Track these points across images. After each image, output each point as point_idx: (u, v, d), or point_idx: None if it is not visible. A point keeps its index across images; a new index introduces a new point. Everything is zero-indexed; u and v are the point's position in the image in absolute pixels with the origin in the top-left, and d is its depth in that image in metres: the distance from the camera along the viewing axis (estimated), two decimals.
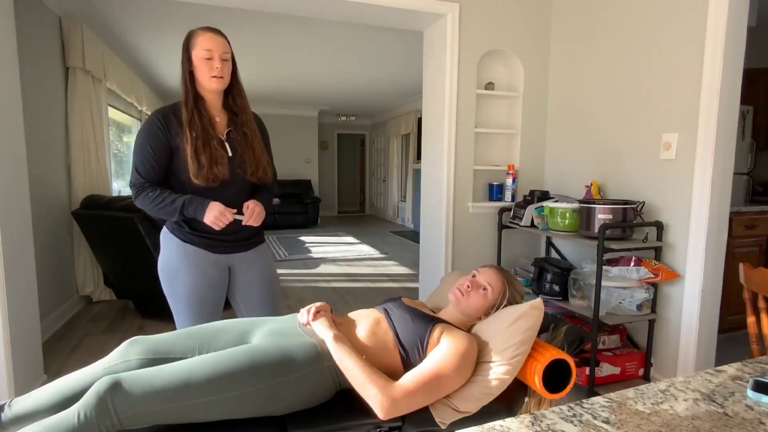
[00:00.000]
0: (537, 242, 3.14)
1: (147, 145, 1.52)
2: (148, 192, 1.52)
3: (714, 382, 0.82)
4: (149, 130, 1.53)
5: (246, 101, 1.65)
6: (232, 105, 1.62)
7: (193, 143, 1.50)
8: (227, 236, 1.61)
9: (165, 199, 1.51)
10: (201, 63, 1.50)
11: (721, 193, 2.08)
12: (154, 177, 1.55)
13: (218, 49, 1.50)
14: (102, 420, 0.99)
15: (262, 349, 1.18)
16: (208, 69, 1.50)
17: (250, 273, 1.70)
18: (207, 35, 1.50)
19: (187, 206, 1.50)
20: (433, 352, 1.21)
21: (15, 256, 1.97)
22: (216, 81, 1.51)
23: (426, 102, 3.09)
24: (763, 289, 1.34)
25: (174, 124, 1.53)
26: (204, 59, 1.49)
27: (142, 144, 1.53)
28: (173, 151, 1.54)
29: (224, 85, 1.56)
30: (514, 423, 0.67)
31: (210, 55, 1.49)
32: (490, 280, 1.42)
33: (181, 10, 3.59)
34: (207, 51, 1.49)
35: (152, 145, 1.52)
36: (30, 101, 2.79)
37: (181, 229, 1.59)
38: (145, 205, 1.53)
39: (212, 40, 1.50)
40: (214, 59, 1.50)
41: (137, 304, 3.38)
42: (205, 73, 1.50)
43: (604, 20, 2.59)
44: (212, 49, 1.49)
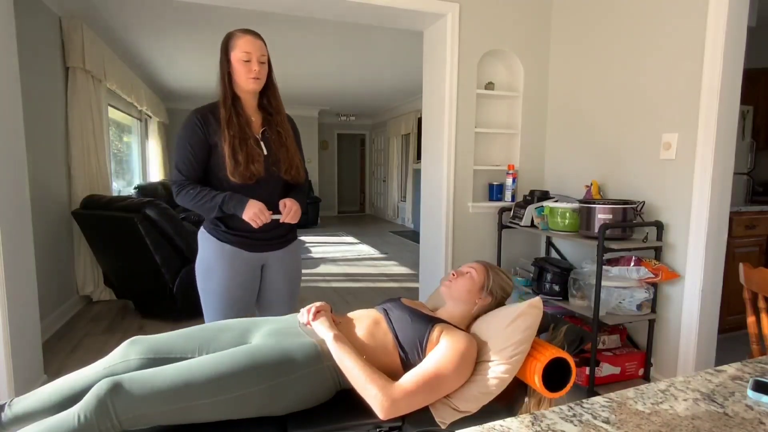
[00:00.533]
0: (537, 242, 3.14)
1: (187, 143, 1.58)
2: (189, 189, 1.57)
3: (714, 382, 0.82)
4: (189, 128, 1.58)
5: (280, 102, 1.70)
6: (267, 105, 1.68)
7: (230, 142, 1.55)
8: (263, 234, 1.66)
9: (205, 196, 1.56)
10: (239, 65, 1.55)
11: (721, 193, 2.08)
12: (193, 174, 1.60)
13: (256, 51, 1.56)
14: (102, 422, 0.99)
15: (263, 350, 1.18)
16: (246, 71, 1.55)
17: (280, 272, 1.76)
18: (246, 38, 1.56)
19: (227, 202, 1.55)
20: (432, 352, 1.21)
21: (15, 256, 1.97)
22: (253, 82, 1.57)
23: (426, 102, 3.09)
24: (763, 289, 1.34)
25: (212, 122, 1.58)
26: (242, 61, 1.55)
27: (182, 142, 1.59)
28: (211, 149, 1.59)
29: (261, 86, 1.61)
30: (514, 423, 0.67)
31: (248, 58, 1.55)
32: (471, 265, 1.49)
33: (181, 10, 3.59)
34: (246, 53, 1.54)
35: (192, 144, 1.57)
36: (30, 101, 2.79)
37: (218, 229, 1.64)
38: (185, 202, 1.58)
39: (251, 43, 1.55)
40: (252, 61, 1.55)
41: (137, 304, 3.38)
42: (242, 75, 1.56)
43: (604, 20, 2.59)
44: (251, 51, 1.55)
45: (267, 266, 1.73)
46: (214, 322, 1.39)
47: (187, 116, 1.60)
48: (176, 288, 3.08)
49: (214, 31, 4.14)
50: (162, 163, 7.10)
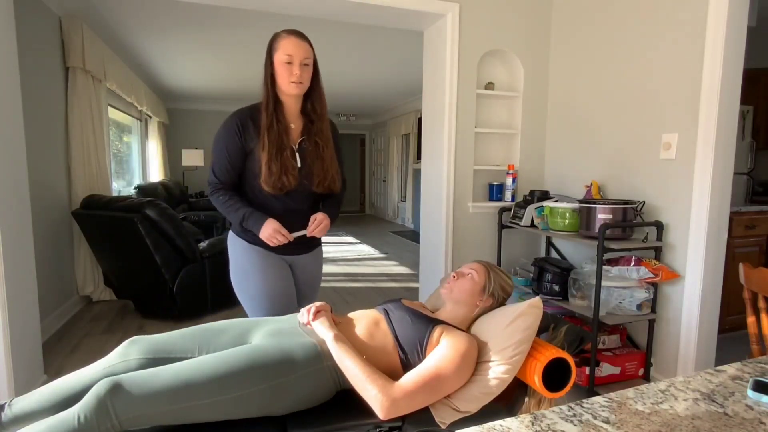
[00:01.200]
0: (537, 242, 3.14)
1: (224, 147, 1.57)
2: (220, 195, 1.60)
3: (714, 382, 0.82)
4: (227, 133, 1.57)
5: (324, 108, 1.65)
6: (309, 111, 1.63)
7: (268, 150, 1.52)
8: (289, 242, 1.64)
9: (231, 207, 1.59)
10: (281, 67, 1.51)
11: (721, 193, 2.08)
12: (228, 179, 1.61)
13: (299, 54, 1.51)
14: (102, 422, 0.99)
15: (263, 350, 1.18)
16: (288, 74, 1.51)
17: (304, 275, 1.77)
18: (290, 39, 1.51)
19: (247, 219, 1.57)
20: (432, 353, 1.21)
21: (15, 256, 1.97)
22: (295, 87, 1.53)
23: (426, 102, 3.09)
24: (763, 289, 1.34)
25: (251, 129, 1.56)
26: (284, 63, 1.51)
27: (220, 145, 1.58)
28: (248, 155, 1.58)
29: (302, 91, 1.57)
30: (514, 423, 0.67)
31: (290, 60, 1.50)
32: (472, 266, 1.48)
33: (181, 10, 3.59)
34: (288, 56, 1.50)
35: (229, 148, 1.57)
36: (30, 101, 2.79)
37: (246, 231, 1.64)
38: (216, 205, 1.62)
39: (294, 45, 1.50)
40: (294, 64, 1.51)
41: (137, 304, 3.38)
42: (284, 78, 1.52)
43: (604, 20, 2.59)
44: (293, 54, 1.50)
45: (293, 266, 1.74)
46: (215, 322, 1.38)
47: (228, 118, 1.58)
48: (176, 288, 3.08)
49: (214, 31, 4.14)
50: (162, 163, 7.11)
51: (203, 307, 3.28)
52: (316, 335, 1.27)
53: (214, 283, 3.30)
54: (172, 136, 8.16)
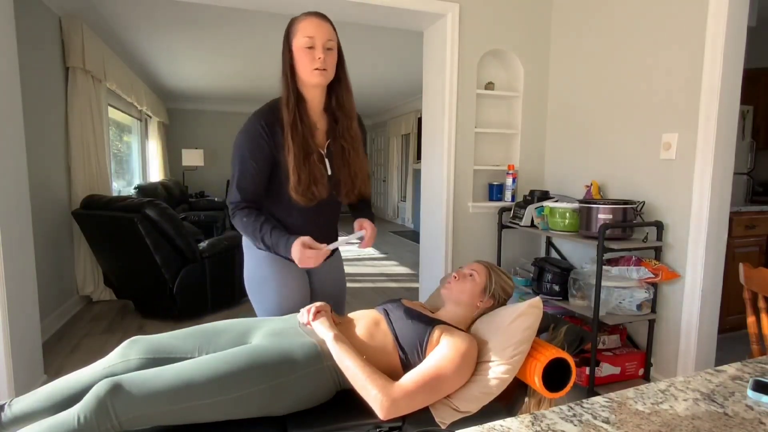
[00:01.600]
0: (537, 242, 3.14)
1: (249, 157, 1.33)
2: (243, 217, 1.38)
3: (714, 382, 0.82)
4: (253, 140, 1.33)
5: (352, 102, 1.42)
6: (335, 108, 1.41)
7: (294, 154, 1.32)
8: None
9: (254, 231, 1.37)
10: (301, 53, 1.29)
11: (721, 193, 2.08)
12: (256, 194, 1.40)
13: (322, 36, 1.29)
14: (102, 422, 0.99)
15: (263, 350, 1.18)
16: (309, 59, 1.29)
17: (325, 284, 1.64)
18: (309, 20, 1.30)
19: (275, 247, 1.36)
20: (433, 353, 1.20)
21: (15, 256, 1.97)
22: (318, 74, 1.30)
23: (426, 102, 3.09)
24: (763, 289, 1.34)
25: (278, 131, 1.34)
26: (304, 48, 1.29)
27: (244, 156, 1.34)
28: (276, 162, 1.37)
29: (327, 80, 1.34)
30: (514, 423, 0.67)
31: (311, 43, 1.28)
32: (473, 267, 1.48)
33: (181, 10, 3.59)
34: (308, 38, 1.28)
35: (256, 156, 1.34)
36: (30, 101, 2.78)
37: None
38: (238, 228, 1.42)
39: (315, 26, 1.29)
40: (316, 48, 1.29)
41: (137, 304, 3.38)
42: (305, 65, 1.30)
43: (604, 20, 2.59)
44: (314, 35, 1.28)
45: (312, 275, 1.61)
46: (215, 322, 1.38)
47: (249, 122, 1.35)
48: (176, 288, 3.08)
49: (214, 31, 4.14)
50: (162, 163, 7.11)
51: (203, 307, 3.28)
52: (317, 335, 1.27)
53: (214, 283, 3.30)
54: (172, 136, 8.16)
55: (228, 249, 3.40)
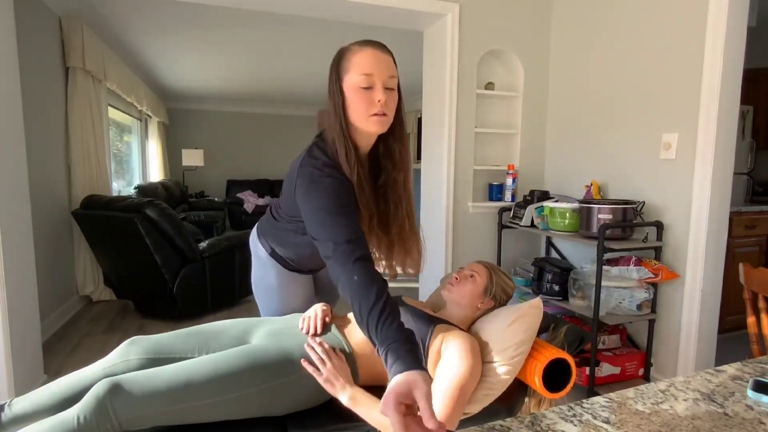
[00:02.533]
0: (537, 242, 3.14)
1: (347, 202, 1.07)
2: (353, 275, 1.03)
3: (714, 382, 0.82)
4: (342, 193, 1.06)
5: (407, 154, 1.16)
6: (383, 159, 1.16)
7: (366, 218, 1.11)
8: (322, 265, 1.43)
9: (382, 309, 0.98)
10: (355, 94, 1.05)
11: (721, 193, 2.08)
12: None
13: (382, 72, 1.05)
14: (102, 423, 0.99)
15: (262, 350, 1.18)
16: (367, 103, 1.05)
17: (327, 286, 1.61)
18: (366, 51, 1.05)
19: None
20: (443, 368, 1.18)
21: (15, 256, 1.97)
22: (377, 121, 1.06)
23: (426, 102, 3.09)
24: (763, 289, 1.34)
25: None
26: (360, 88, 1.05)
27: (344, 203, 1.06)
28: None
29: (387, 127, 1.09)
30: (514, 423, 0.67)
31: (370, 83, 1.04)
32: (474, 268, 1.47)
33: (181, 10, 3.59)
34: (365, 77, 1.04)
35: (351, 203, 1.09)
36: (30, 101, 2.78)
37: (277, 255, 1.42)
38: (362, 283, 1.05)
39: (374, 60, 1.04)
40: (375, 89, 1.04)
41: (137, 304, 3.38)
42: (361, 110, 1.05)
43: (604, 20, 2.59)
44: (373, 73, 1.04)
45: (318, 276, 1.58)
46: (215, 322, 1.38)
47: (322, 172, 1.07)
48: (176, 288, 3.08)
49: (215, 31, 4.14)
50: (162, 163, 7.11)
51: (203, 307, 3.28)
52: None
53: (214, 283, 3.30)
54: (172, 136, 8.15)
55: (228, 249, 3.40)
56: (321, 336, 1.27)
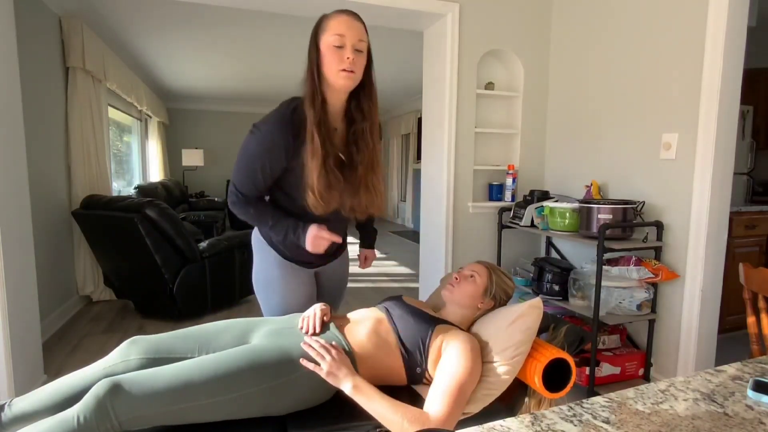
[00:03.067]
0: (537, 242, 3.14)
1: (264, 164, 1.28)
2: (250, 209, 1.35)
3: (714, 382, 0.82)
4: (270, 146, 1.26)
5: (375, 112, 1.33)
6: (354, 114, 1.33)
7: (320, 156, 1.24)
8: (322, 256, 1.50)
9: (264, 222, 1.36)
10: (329, 52, 1.21)
11: (721, 193, 2.08)
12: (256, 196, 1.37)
13: (353, 35, 1.21)
14: (102, 423, 0.99)
15: (262, 350, 1.18)
16: (338, 59, 1.21)
17: (333, 279, 1.65)
18: (341, 17, 1.22)
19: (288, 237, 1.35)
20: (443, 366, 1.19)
21: (15, 256, 1.97)
22: (345, 76, 1.22)
23: (426, 102, 3.09)
24: (763, 289, 1.34)
25: (298, 135, 1.26)
26: (333, 47, 1.21)
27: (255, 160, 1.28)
28: (290, 168, 1.30)
29: (355, 83, 1.26)
30: (514, 423, 0.67)
31: (341, 42, 1.20)
32: (474, 268, 1.47)
33: (181, 10, 3.59)
34: (338, 36, 1.20)
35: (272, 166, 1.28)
36: (30, 101, 2.78)
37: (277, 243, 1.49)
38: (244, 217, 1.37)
39: (346, 24, 1.21)
40: (345, 47, 1.21)
41: (137, 304, 3.39)
42: (332, 65, 1.21)
43: (604, 20, 2.59)
44: (345, 34, 1.20)
45: (320, 273, 1.61)
46: (215, 322, 1.38)
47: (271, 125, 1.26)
48: (176, 288, 3.08)
49: (214, 31, 4.14)
50: (162, 163, 7.11)
51: (203, 307, 3.28)
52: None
53: (214, 283, 3.30)
54: (172, 136, 8.16)
55: (228, 249, 3.40)
56: (320, 335, 1.27)
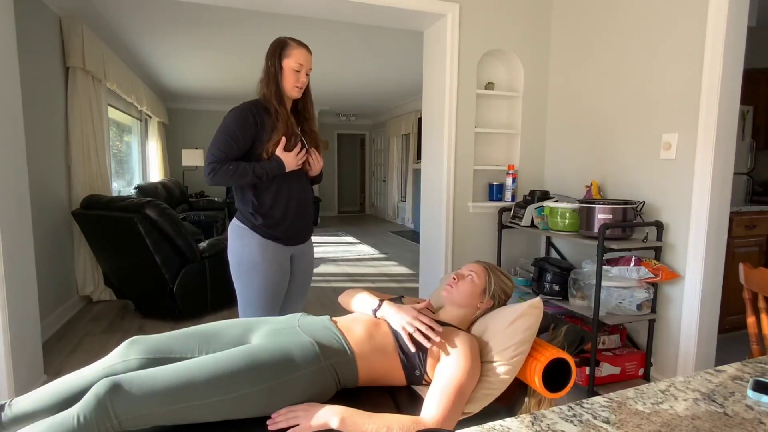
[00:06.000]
0: (537, 242, 3.14)
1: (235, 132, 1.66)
2: (230, 165, 1.66)
3: (714, 382, 0.82)
4: (241, 120, 1.67)
5: (312, 108, 1.87)
6: (302, 110, 1.84)
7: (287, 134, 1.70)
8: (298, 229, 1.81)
9: (243, 170, 1.66)
10: (290, 73, 1.70)
11: (721, 193, 2.08)
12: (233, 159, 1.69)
13: (307, 65, 1.73)
14: (101, 422, 0.99)
15: (262, 350, 1.18)
16: (294, 80, 1.71)
17: (302, 263, 1.91)
18: (302, 51, 1.72)
19: (269, 169, 1.68)
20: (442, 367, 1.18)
21: (15, 256, 1.97)
22: (297, 91, 1.74)
23: (426, 102, 3.09)
24: (763, 289, 1.34)
25: (266, 119, 1.70)
26: (293, 70, 1.70)
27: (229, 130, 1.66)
28: (255, 143, 1.70)
29: (300, 95, 1.77)
30: (514, 423, 0.67)
31: (299, 69, 1.71)
32: (472, 268, 1.47)
33: (181, 10, 3.59)
34: (299, 65, 1.70)
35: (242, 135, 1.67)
36: (30, 101, 2.78)
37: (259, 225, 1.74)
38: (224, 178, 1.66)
39: (305, 57, 1.72)
40: (301, 72, 1.72)
41: (137, 304, 3.39)
42: (290, 82, 1.71)
43: (604, 20, 2.59)
44: (303, 64, 1.71)
45: (294, 257, 1.87)
46: (214, 322, 1.38)
47: (240, 107, 1.68)
48: (176, 288, 3.08)
49: (214, 31, 4.14)
50: (162, 163, 7.11)
51: (203, 307, 3.28)
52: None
53: (214, 283, 3.30)
54: (172, 136, 8.16)
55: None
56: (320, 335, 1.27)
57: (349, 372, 1.22)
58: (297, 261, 1.89)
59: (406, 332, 1.26)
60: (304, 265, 1.93)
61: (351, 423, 1.06)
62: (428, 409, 1.10)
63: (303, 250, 1.90)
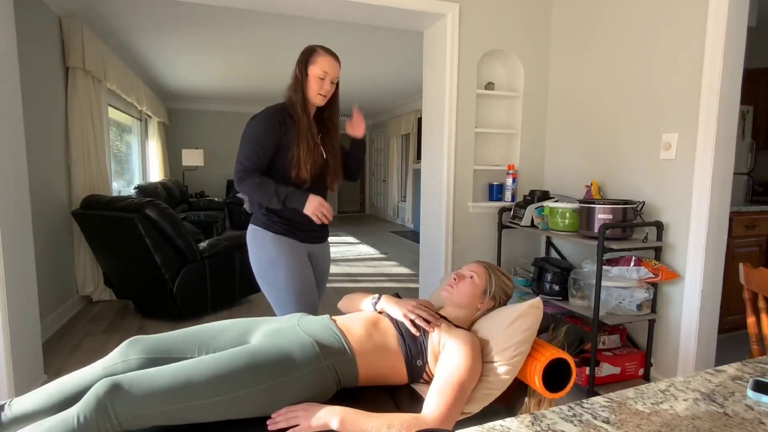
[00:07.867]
0: (537, 242, 3.14)
1: (262, 140, 1.68)
2: (254, 177, 1.67)
3: (714, 382, 0.82)
4: (267, 127, 1.68)
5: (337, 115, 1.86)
6: (326, 120, 1.84)
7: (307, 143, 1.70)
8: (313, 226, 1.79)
9: (267, 187, 1.67)
10: (314, 80, 1.70)
11: (721, 193, 2.08)
12: (260, 168, 1.71)
13: (332, 73, 1.72)
14: (101, 422, 0.99)
15: (262, 350, 1.18)
16: (318, 87, 1.71)
17: (319, 266, 1.90)
18: (328, 58, 1.71)
19: (290, 197, 1.67)
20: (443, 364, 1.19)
21: (15, 256, 1.97)
22: (321, 99, 1.74)
23: (426, 102, 3.09)
24: (763, 289, 1.34)
25: (289, 124, 1.70)
26: (318, 78, 1.70)
27: (256, 139, 1.68)
28: (280, 149, 1.71)
29: (323, 103, 1.77)
30: (514, 423, 0.67)
31: (324, 76, 1.70)
32: (472, 268, 1.47)
33: (181, 10, 3.59)
34: (324, 72, 1.70)
35: (267, 142, 1.68)
36: (30, 101, 2.78)
37: (272, 221, 1.75)
38: (246, 190, 1.68)
39: (331, 65, 1.71)
40: (326, 80, 1.71)
41: (137, 304, 3.38)
42: (314, 89, 1.71)
43: (604, 20, 2.59)
44: (328, 72, 1.71)
45: (311, 255, 1.85)
46: (215, 322, 1.38)
47: (265, 114, 1.69)
48: (176, 288, 3.08)
49: (214, 31, 4.14)
50: (162, 163, 7.11)
51: (203, 307, 3.28)
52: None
53: (214, 283, 3.30)
54: (172, 136, 8.16)
55: (228, 249, 3.40)
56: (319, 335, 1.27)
57: (349, 371, 1.22)
58: (314, 261, 1.87)
59: (408, 318, 1.31)
60: (323, 266, 1.92)
61: (351, 423, 1.06)
62: (429, 405, 1.10)
63: (320, 251, 1.89)
